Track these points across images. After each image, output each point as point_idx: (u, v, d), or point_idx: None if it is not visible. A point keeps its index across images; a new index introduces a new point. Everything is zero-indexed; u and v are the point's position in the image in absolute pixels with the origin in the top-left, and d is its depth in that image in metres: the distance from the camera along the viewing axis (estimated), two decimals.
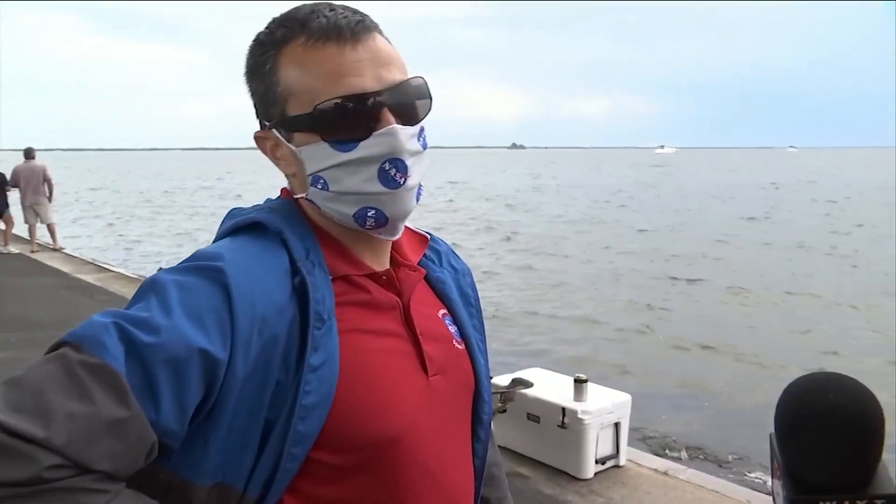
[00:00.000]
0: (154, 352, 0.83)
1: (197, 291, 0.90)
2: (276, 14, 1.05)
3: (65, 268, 12.68)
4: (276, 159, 1.07)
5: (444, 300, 1.18)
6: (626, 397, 4.77)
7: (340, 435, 0.95)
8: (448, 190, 42.67)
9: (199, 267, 0.93)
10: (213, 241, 1.04)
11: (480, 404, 1.18)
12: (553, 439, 4.64)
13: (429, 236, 1.22)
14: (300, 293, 0.96)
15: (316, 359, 0.93)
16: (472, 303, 1.23)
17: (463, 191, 42.91)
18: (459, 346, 1.15)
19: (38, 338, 7.66)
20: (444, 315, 1.16)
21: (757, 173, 68.82)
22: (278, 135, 1.04)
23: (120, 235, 22.41)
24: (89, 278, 11.66)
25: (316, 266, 0.99)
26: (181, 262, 0.96)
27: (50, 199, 13.98)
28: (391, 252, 1.13)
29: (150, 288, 0.90)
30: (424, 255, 1.19)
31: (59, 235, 14.92)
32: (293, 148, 1.03)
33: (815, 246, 18.71)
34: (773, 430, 0.72)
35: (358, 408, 0.96)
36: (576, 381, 4.68)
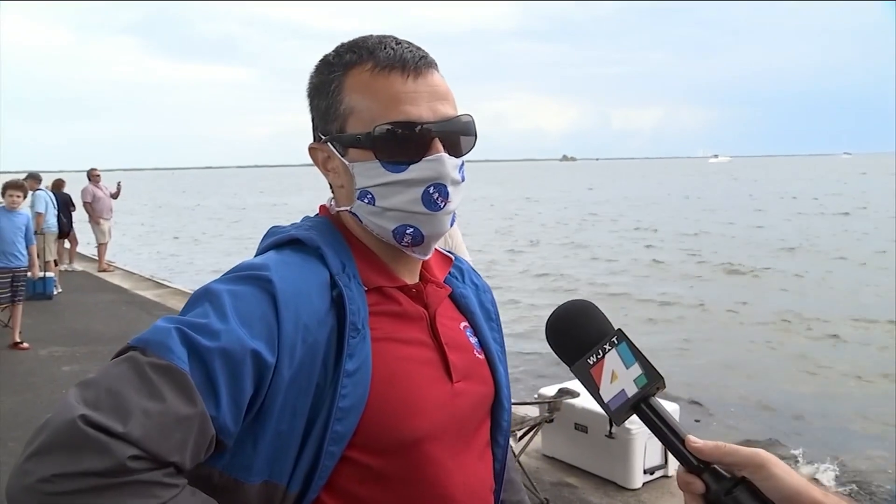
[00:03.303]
0: (214, 354, 0.91)
1: (248, 299, 0.98)
2: (342, 39, 1.16)
3: (125, 284, 13.14)
4: (326, 171, 1.17)
5: (466, 314, 1.26)
6: (674, 406, 4.75)
7: (372, 435, 1.03)
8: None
9: (249, 276, 1.01)
10: (255, 256, 1.13)
11: (500, 411, 1.24)
12: (601, 449, 4.65)
13: (453, 257, 1.31)
14: (338, 304, 1.05)
15: (351, 365, 1.01)
16: (493, 317, 1.30)
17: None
18: (480, 356, 1.22)
19: (101, 351, 8.00)
20: (465, 327, 1.23)
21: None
22: (333, 148, 1.13)
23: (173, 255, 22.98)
24: (148, 294, 12.08)
25: (352, 279, 1.08)
26: (229, 273, 1.05)
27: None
28: (421, 270, 1.21)
29: (204, 297, 0.99)
30: (449, 273, 1.27)
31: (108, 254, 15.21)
32: (346, 162, 1.12)
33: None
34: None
35: (388, 410, 1.04)
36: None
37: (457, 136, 1.12)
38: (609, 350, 0.95)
